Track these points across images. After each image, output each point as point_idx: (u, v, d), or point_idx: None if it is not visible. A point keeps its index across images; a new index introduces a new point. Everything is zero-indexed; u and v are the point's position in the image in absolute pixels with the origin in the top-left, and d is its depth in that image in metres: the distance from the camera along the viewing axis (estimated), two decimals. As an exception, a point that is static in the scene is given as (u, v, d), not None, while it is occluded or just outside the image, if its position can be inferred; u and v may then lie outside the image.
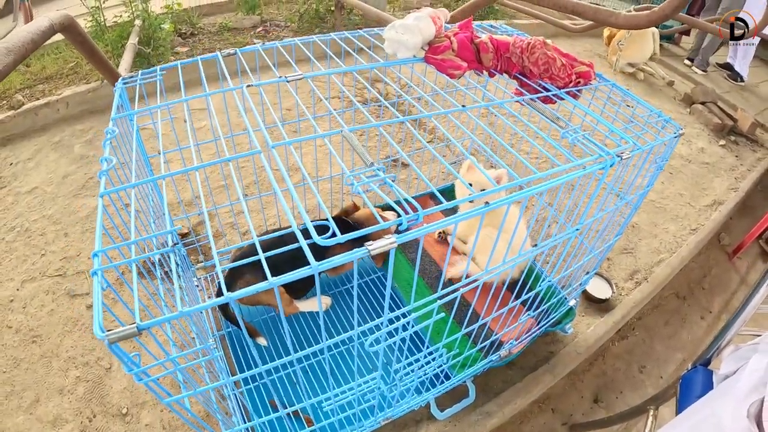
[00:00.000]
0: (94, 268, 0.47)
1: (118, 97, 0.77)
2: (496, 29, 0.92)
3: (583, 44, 3.44)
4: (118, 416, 1.03)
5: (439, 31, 0.72)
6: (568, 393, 1.25)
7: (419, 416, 0.94)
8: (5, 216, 1.67)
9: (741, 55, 3.32)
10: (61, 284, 1.35)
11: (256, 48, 0.88)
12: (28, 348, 1.21)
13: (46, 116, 2.19)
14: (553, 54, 0.66)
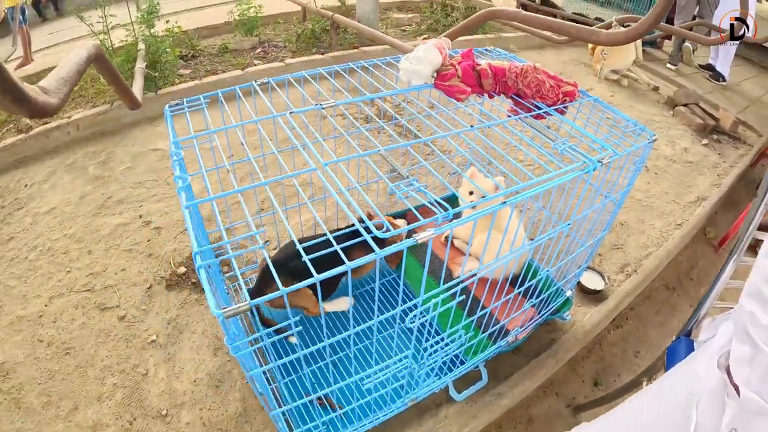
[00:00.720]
0: (199, 264, 0.57)
1: (169, 121, 0.89)
2: (490, 53, 1.05)
3: (569, 54, 3.64)
4: (158, 417, 1.12)
5: (444, 59, 0.85)
6: (570, 378, 1.37)
7: (439, 400, 1.05)
8: (26, 236, 1.76)
9: (722, 55, 3.53)
10: (90, 299, 1.44)
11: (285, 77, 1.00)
12: (62, 360, 1.30)
13: (58, 139, 2.29)
14: (543, 77, 0.80)
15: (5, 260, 1.66)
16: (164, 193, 1.83)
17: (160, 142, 2.16)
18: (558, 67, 3.39)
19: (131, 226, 1.68)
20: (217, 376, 1.17)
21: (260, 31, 3.13)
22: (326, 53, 2.76)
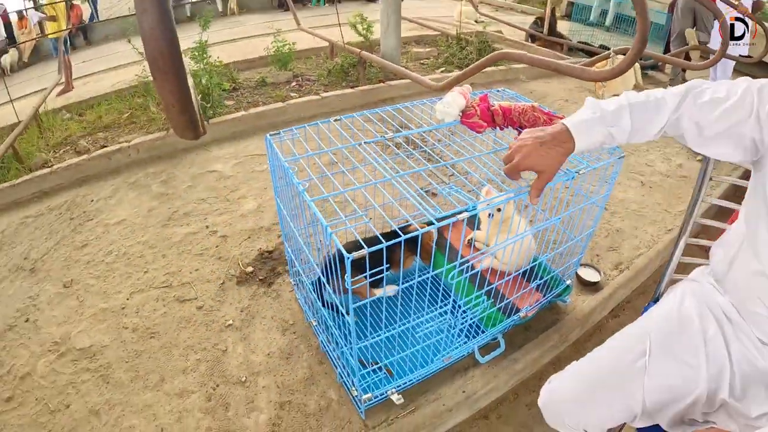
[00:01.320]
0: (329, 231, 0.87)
1: (269, 146, 1.18)
2: (500, 94, 1.40)
3: (574, 82, 4.01)
4: (238, 384, 1.40)
5: (467, 102, 1.18)
6: (576, 357, 1.64)
7: (467, 364, 1.34)
8: (99, 243, 2.10)
9: (720, 75, 3.85)
10: (169, 293, 1.75)
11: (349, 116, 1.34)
12: (147, 342, 1.59)
13: (119, 160, 2.67)
14: (538, 114, 1.12)
15: (82, 263, 1.99)
16: (225, 208, 2.18)
17: (216, 165, 2.53)
18: (563, 94, 3.76)
19: (199, 234, 2.01)
20: (286, 350, 1.46)
21: (293, 65, 3.57)
22: (356, 87, 3.16)
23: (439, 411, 1.23)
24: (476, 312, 1.24)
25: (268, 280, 1.73)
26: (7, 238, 2.25)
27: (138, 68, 3.71)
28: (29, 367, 1.54)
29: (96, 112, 3.47)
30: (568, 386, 0.93)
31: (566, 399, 0.92)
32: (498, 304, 1.28)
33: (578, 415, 0.90)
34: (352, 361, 1.09)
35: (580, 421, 0.90)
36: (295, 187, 1.04)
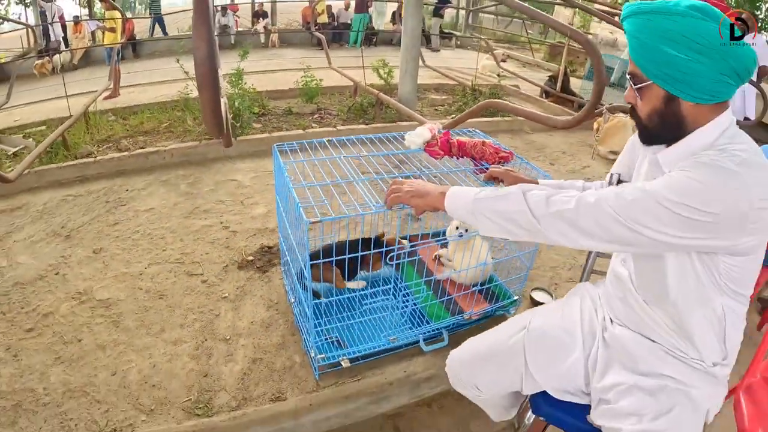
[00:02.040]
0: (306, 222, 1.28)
1: (275, 153, 1.61)
2: (471, 134, 1.82)
3: (577, 136, 4.34)
4: (222, 341, 1.76)
5: (433, 135, 1.59)
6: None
7: (413, 353, 1.65)
8: (129, 224, 2.55)
9: None
10: (181, 267, 2.16)
11: (341, 138, 1.79)
12: (156, 301, 1.98)
13: (154, 161, 3.19)
14: (487, 148, 1.53)
15: (111, 237, 2.43)
16: (239, 210, 2.63)
17: (237, 175, 3.03)
18: (563, 147, 4.13)
19: (214, 227, 2.45)
20: (267, 321, 1.82)
21: (318, 99, 4.16)
22: (370, 124, 3.69)
23: (381, 383, 1.55)
24: (418, 298, 1.61)
25: (263, 268, 2.13)
26: (48, 210, 2.74)
27: (180, 85, 4.36)
28: (52, 308, 1.93)
29: (138, 119, 4.07)
30: (465, 353, 1.25)
31: (464, 362, 1.24)
32: (440, 298, 1.64)
33: (472, 374, 1.22)
34: (312, 330, 1.46)
35: (474, 378, 1.22)
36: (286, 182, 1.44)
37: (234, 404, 1.51)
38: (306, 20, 9.76)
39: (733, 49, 0.81)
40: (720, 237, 0.81)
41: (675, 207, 0.79)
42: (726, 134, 0.86)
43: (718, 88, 0.83)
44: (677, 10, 0.82)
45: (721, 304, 0.92)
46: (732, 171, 0.79)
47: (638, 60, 0.88)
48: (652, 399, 0.96)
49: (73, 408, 1.52)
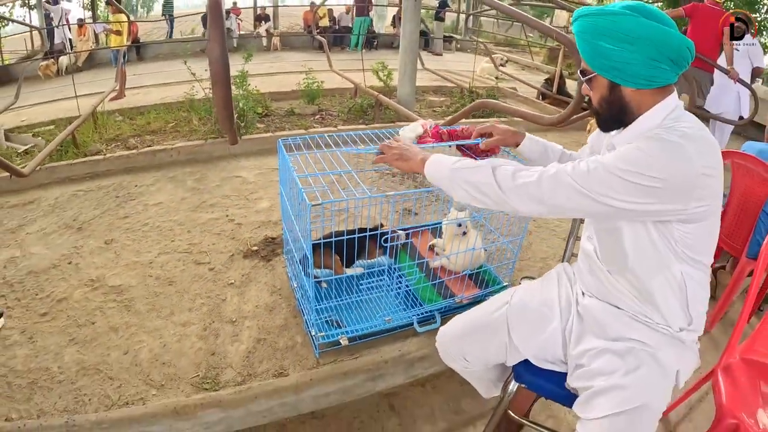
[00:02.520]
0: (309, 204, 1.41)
1: (280, 147, 1.74)
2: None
3: (571, 135, 4.44)
4: (229, 322, 1.88)
5: (425, 129, 1.73)
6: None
7: (407, 334, 1.77)
8: (138, 217, 2.68)
9: (717, 138, 4.31)
10: (189, 257, 2.29)
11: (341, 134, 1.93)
12: (166, 288, 2.10)
13: (162, 159, 3.33)
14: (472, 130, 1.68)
15: (122, 229, 2.56)
16: (244, 204, 2.77)
17: (242, 172, 3.18)
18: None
19: (220, 220, 2.59)
20: (271, 305, 1.95)
21: (320, 101, 4.31)
22: (369, 124, 3.84)
23: (377, 361, 1.67)
24: (411, 280, 1.74)
25: (267, 258, 2.26)
26: (60, 204, 2.88)
27: (185, 87, 4.51)
28: (66, 295, 2.06)
29: (145, 119, 4.23)
30: (455, 328, 1.36)
31: (452, 336, 1.35)
32: (431, 280, 1.78)
33: (460, 347, 1.33)
34: (313, 309, 1.60)
35: (462, 351, 1.33)
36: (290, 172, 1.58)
37: (239, 380, 1.63)
38: (307, 24, 9.95)
39: (660, 37, 0.92)
40: (669, 202, 0.91)
41: (625, 174, 0.90)
42: (671, 116, 0.98)
43: (653, 74, 0.95)
44: (611, 10, 0.96)
45: (680, 270, 1.02)
46: (675, 142, 0.90)
47: (584, 56, 1.01)
48: (620, 359, 1.06)
49: (86, 384, 1.64)
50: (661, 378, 1.05)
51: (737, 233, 2.26)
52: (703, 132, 0.95)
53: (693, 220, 0.96)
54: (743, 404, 1.23)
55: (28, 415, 1.54)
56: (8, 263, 2.31)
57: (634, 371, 1.04)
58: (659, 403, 1.04)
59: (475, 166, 1.06)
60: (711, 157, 0.92)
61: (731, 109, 4.23)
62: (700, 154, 0.90)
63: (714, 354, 2.05)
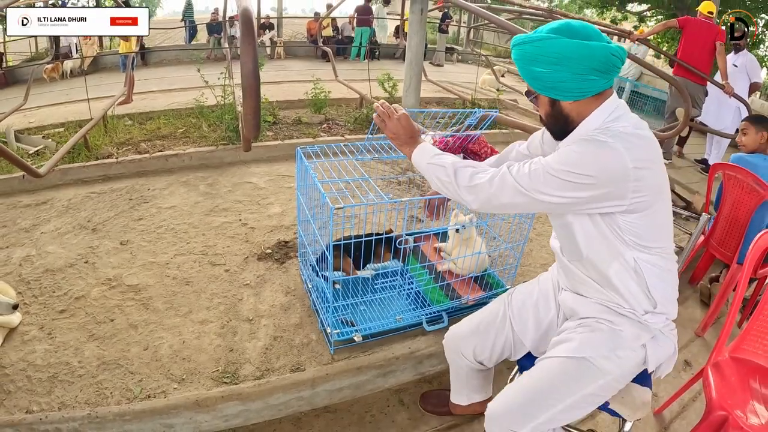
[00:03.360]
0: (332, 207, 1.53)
1: (299, 155, 1.87)
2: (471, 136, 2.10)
3: None
4: (246, 321, 1.99)
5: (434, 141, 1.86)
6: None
7: (416, 333, 1.89)
8: (153, 219, 2.79)
9: (715, 152, 4.49)
10: (204, 258, 2.39)
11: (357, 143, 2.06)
12: (183, 287, 2.20)
13: (174, 163, 3.44)
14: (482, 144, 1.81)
15: (137, 231, 2.67)
16: (256, 209, 2.89)
17: (252, 178, 3.31)
18: None
19: (233, 224, 2.70)
20: (286, 305, 2.06)
21: (326, 110, 4.45)
22: (375, 134, 3.97)
23: (388, 357, 1.78)
24: (420, 283, 1.86)
25: (281, 260, 2.37)
26: (74, 205, 2.98)
27: (192, 93, 4.63)
28: (84, 293, 2.14)
29: (155, 124, 4.34)
30: (463, 328, 1.50)
31: (462, 336, 1.49)
32: (438, 282, 1.90)
33: (469, 344, 1.45)
34: (330, 308, 1.71)
35: (473, 349, 1.45)
36: (312, 179, 1.70)
37: (258, 374, 1.74)
38: (311, 33, 10.14)
39: (583, 52, 1.02)
40: (605, 197, 1.03)
41: (560, 174, 1.03)
42: (610, 118, 1.08)
43: (584, 86, 1.06)
44: (538, 36, 1.07)
45: (632, 257, 1.12)
46: (605, 142, 1.02)
47: (524, 79, 1.14)
48: (580, 326, 1.22)
49: (107, 378, 1.73)
50: (613, 344, 1.16)
51: (728, 241, 2.40)
52: (638, 130, 1.06)
53: (635, 211, 1.06)
54: (732, 398, 1.35)
55: (49, 407, 1.62)
56: (24, 261, 2.40)
57: (587, 333, 1.19)
58: (608, 366, 1.15)
59: (442, 165, 1.19)
60: (643, 151, 1.03)
61: (729, 124, 4.41)
62: (630, 150, 1.01)
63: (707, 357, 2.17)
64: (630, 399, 1.22)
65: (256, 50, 1.50)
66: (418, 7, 4.18)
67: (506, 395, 1.24)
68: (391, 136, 1.33)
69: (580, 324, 1.23)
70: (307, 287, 2.10)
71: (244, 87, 1.50)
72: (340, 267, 1.95)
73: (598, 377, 1.15)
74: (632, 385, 1.22)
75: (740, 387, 1.42)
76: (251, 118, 1.61)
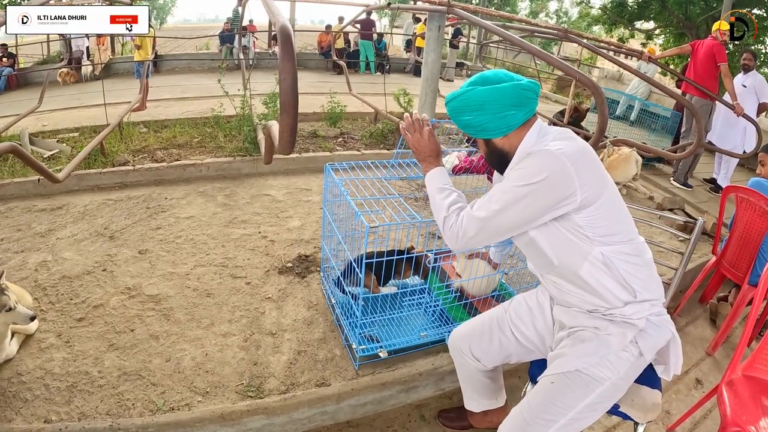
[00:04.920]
0: (367, 226, 1.58)
1: (327, 170, 1.93)
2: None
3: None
4: (269, 334, 2.02)
5: (459, 160, 1.93)
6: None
7: (438, 349, 1.91)
8: (171, 229, 2.83)
9: (723, 172, 4.54)
10: (225, 270, 2.43)
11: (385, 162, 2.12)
12: (204, 299, 2.23)
13: (191, 173, 3.50)
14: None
15: (156, 240, 2.71)
16: (275, 222, 2.94)
17: (270, 191, 3.37)
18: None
19: (253, 237, 2.75)
20: (309, 319, 2.09)
21: (342, 124, 4.53)
22: (392, 150, 4.05)
23: (412, 373, 1.81)
24: (446, 300, 1.90)
25: (302, 274, 2.41)
26: (90, 212, 3.03)
27: (206, 102, 4.72)
28: (102, 301, 2.17)
29: (171, 132, 4.41)
30: (465, 329, 1.57)
31: (463, 334, 1.56)
32: (460, 301, 1.94)
33: (470, 344, 1.52)
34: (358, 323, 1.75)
35: (471, 348, 1.52)
36: (341, 195, 1.76)
37: (283, 388, 1.76)
38: (322, 46, 10.30)
39: (494, 96, 1.18)
40: (558, 196, 1.12)
41: (514, 189, 1.15)
42: (538, 137, 1.23)
43: (507, 122, 1.21)
44: (459, 92, 1.24)
45: (599, 252, 1.17)
46: (542, 150, 1.15)
47: (460, 128, 1.29)
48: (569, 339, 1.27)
49: (129, 390, 1.74)
50: (602, 350, 1.20)
51: (740, 262, 2.46)
52: (565, 133, 1.22)
53: (587, 205, 1.14)
54: (746, 415, 1.40)
55: (68, 417, 1.63)
56: (40, 267, 2.44)
57: (576, 345, 1.24)
58: (602, 372, 1.19)
59: (441, 202, 1.31)
60: (572, 149, 1.14)
61: (737, 143, 4.49)
62: (563, 150, 1.13)
63: (717, 375, 2.21)
64: (640, 401, 1.27)
65: (295, 67, 1.55)
66: (435, 24, 4.27)
67: (512, 417, 1.32)
68: (413, 147, 1.44)
69: (569, 335, 1.28)
70: (330, 302, 2.14)
71: (283, 103, 1.55)
72: (367, 284, 1.99)
73: (595, 386, 1.20)
74: (641, 387, 1.27)
75: (753, 404, 1.47)
76: (287, 135, 1.66)
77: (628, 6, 11.56)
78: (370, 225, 1.51)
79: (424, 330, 1.88)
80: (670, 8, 10.32)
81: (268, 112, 3.94)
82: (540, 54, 2.72)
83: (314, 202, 3.25)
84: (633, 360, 1.20)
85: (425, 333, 1.86)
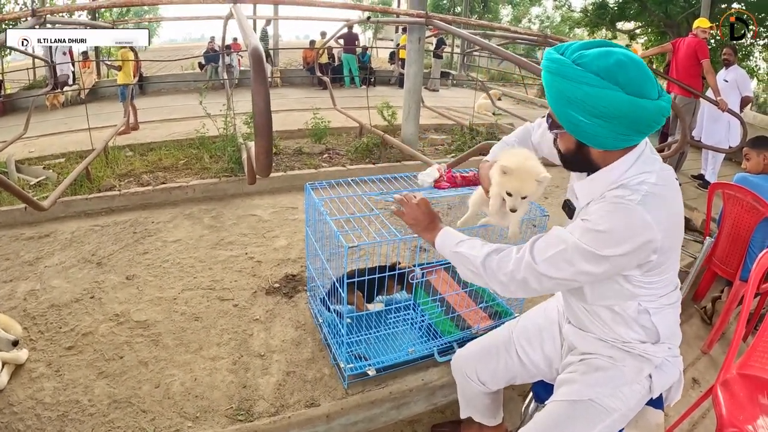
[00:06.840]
0: (346, 246, 1.60)
1: (308, 190, 1.94)
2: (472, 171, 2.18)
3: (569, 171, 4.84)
4: (257, 356, 2.02)
5: (440, 173, 1.94)
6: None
7: (428, 364, 1.92)
8: (159, 253, 2.83)
9: (710, 168, 4.60)
10: (212, 293, 2.43)
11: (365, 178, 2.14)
12: (192, 323, 2.23)
13: (177, 196, 3.50)
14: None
15: (143, 265, 2.71)
16: (262, 242, 2.94)
17: (256, 210, 3.38)
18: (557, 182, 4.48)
19: (240, 258, 2.75)
20: (297, 340, 2.09)
21: (326, 139, 4.56)
22: (377, 163, 4.08)
23: (402, 389, 1.81)
24: (433, 314, 1.92)
25: (289, 294, 2.42)
26: (77, 238, 3.02)
27: (191, 123, 4.73)
28: (91, 328, 2.16)
29: (156, 155, 4.43)
30: (469, 350, 1.55)
31: (468, 357, 1.54)
32: (448, 315, 1.96)
33: (476, 368, 1.49)
34: (344, 342, 1.76)
35: (476, 371, 1.49)
36: (322, 214, 1.77)
37: (273, 410, 1.76)
38: (307, 61, 10.39)
39: (635, 114, 0.92)
40: (632, 264, 1.02)
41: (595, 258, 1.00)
42: (636, 163, 1.03)
43: (621, 142, 0.99)
44: (585, 79, 0.92)
45: (640, 301, 1.12)
46: (634, 210, 0.96)
47: (553, 109, 1.02)
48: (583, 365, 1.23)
49: (119, 417, 1.74)
50: (617, 381, 1.18)
51: (730, 259, 2.49)
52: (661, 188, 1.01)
53: (652, 269, 1.05)
54: (742, 415, 1.40)
55: (59, 447, 1.61)
56: (29, 296, 2.43)
57: (590, 373, 1.21)
58: (614, 404, 1.18)
59: (470, 255, 1.17)
60: (668, 213, 1.01)
61: (722, 138, 4.56)
62: (658, 219, 0.97)
63: (714, 374, 2.22)
64: (644, 422, 1.27)
65: (267, 89, 1.58)
66: (415, 36, 4.36)
67: None
68: (410, 222, 1.33)
69: (582, 360, 1.25)
70: (317, 321, 2.14)
71: (257, 125, 1.57)
72: (352, 301, 2.00)
73: (605, 416, 1.19)
74: (646, 408, 1.26)
75: (749, 403, 1.47)
76: (264, 157, 1.68)
77: (608, 7, 11.79)
78: (349, 245, 1.52)
79: (413, 346, 1.89)
80: (650, 8, 10.54)
81: (251, 132, 3.96)
82: (520, 62, 2.77)
83: (300, 220, 3.27)
84: (644, 393, 1.20)
85: (413, 349, 1.87)
